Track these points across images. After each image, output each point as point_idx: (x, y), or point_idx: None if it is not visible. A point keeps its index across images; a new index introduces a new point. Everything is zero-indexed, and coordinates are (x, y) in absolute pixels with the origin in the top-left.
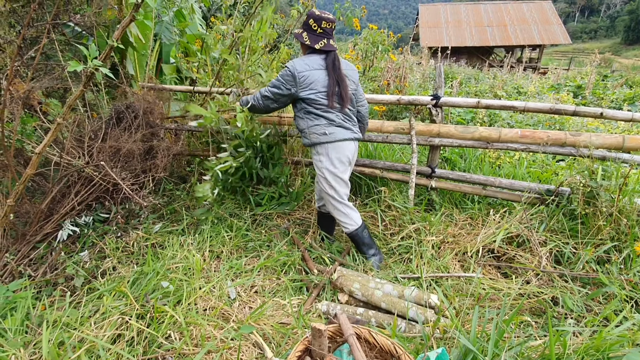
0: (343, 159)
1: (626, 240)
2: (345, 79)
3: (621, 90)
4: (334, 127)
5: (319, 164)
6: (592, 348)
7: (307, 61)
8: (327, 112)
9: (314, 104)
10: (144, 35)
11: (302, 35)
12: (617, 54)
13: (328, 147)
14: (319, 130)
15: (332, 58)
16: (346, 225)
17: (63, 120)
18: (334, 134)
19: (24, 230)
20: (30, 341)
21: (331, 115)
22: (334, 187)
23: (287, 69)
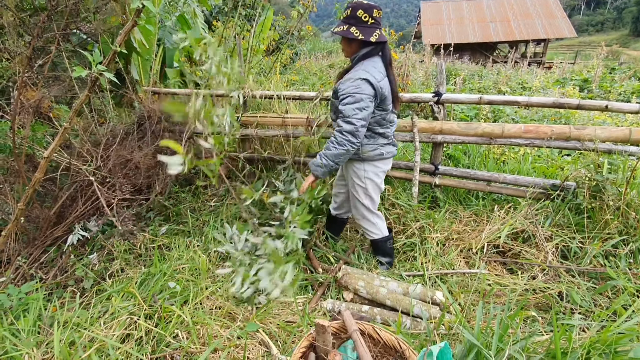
0: (385, 170)
1: (635, 234)
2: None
3: (629, 83)
4: (389, 146)
5: (361, 172)
6: (599, 342)
7: (377, 69)
8: (386, 127)
9: (382, 121)
10: (147, 40)
11: (349, 31)
12: (625, 45)
13: (380, 162)
14: (376, 150)
15: (389, 51)
16: (372, 235)
17: (69, 125)
18: (389, 152)
19: (35, 235)
20: (42, 341)
21: (389, 132)
22: (371, 198)
23: (360, 80)
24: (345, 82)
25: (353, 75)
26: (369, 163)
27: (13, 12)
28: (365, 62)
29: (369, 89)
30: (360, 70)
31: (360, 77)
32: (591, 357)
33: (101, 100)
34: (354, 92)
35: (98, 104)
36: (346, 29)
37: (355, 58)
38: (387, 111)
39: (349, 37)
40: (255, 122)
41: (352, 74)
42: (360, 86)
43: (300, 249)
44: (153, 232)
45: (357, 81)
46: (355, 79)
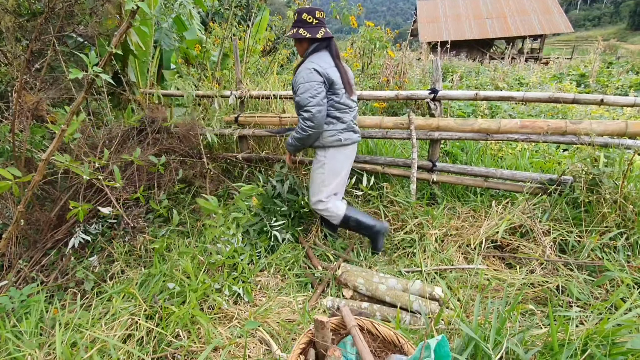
0: (348, 157)
1: (632, 226)
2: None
3: (627, 77)
4: (347, 132)
5: (321, 159)
6: (596, 334)
7: (323, 59)
8: (344, 112)
9: (336, 104)
10: (144, 42)
11: (298, 33)
12: (622, 40)
13: (341, 149)
14: (334, 136)
15: (335, 45)
16: (332, 219)
17: (67, 127)
18: (348, 139)
19: (36, 238)
20: (44, 342)
21: (347, 117)
22: (327, 184)
23: (307, 70)
24: (296, 76)
25: (302, 69)
26: (329, 149)
27: (12, 16)
28: (313, 56)
29: (316, 76)
30: (308, 62)
31: (307, 67)
32: (588, 348)
33: (99, 103)
34: (304, 82)
35: (95, 106)
36: (296, 31)
37: (306, 55)
38: (339, 95)
39: (298, 38)
40: (253, 122)
41: (301, 68)
42: (308, 75)
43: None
44: (153, 233)
45: (304, 72)
46: (303, 71)
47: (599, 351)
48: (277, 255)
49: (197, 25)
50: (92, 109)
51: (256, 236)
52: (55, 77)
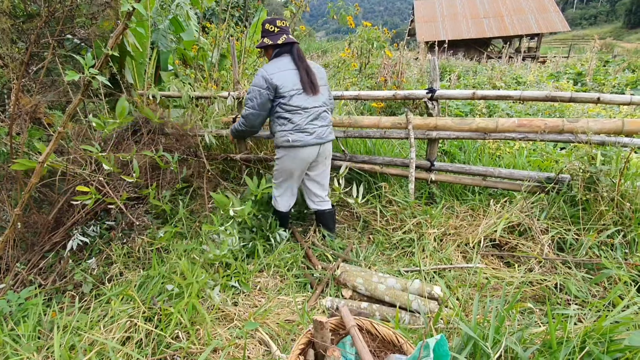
0: (301, 159)
1: (630, 224)
2: (312, 69)
3: (623, 75)
4: (298, 133)
5: (277, 158)
6: (594, 331)
7: (277, 64)
8: (295, 113)
9: (285, 106)
10: (140, 43)
11: (263, 42)
12: (619, 38)
13: (290, 150)
14: (284, 137)
15: (297, 49)
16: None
17: (63, 129)
18: (298, 140)
19: (33, 241)
20: (42, 346)
21: (297, 118)
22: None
23: (257, 75)
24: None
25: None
26: (281, 149)
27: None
28: (272, 60)
29: (260, 81)
30: (263, 67)
31: (258, 73)
32: (586, 346)
33: (96, 105)
34: (252, 85)
35: (92, 108)
36: (261, 41)
37: (270, 60)
38: (286, 97)
39: (263, 46)
40: None
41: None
42: (255, 80)
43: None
44: (151, 235)
45: (255, 76)
46: (256, 75)
47: (597, 348)
48: (276, 255)
49: (194, 26)
50: (89, 111)
51: (253, 237)
52: (52, 80)
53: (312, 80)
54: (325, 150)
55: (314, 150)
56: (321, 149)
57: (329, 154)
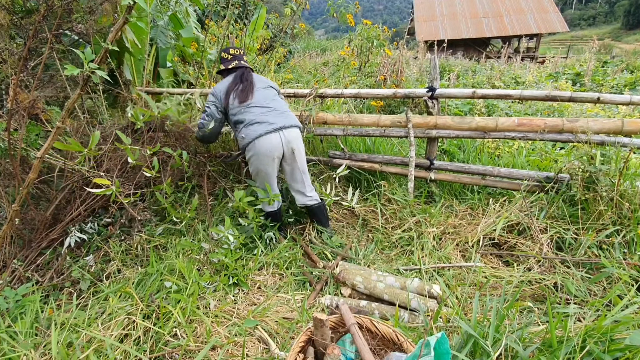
0: (264, 154)
1: (629, 224)
2: (251, 79)
3: (622, 76)
4: (248, 126)
5: (246, 155)
6: (594, 330)
7: (224, 81)
8: (241, 113)
9: (231, 111)
10: (139, 40)
11: (220, 68)
12: (617, 39)
13: (250, 145)
14: (239, 136)
15: (242, 70)
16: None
17: (62, 125)
18: (249, 135)
19: (31, 237)
20: (40, 343)
21: (244, 117)
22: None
23: (211, 90)
24: None
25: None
26: (246, 151)
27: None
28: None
29: (211, 96)
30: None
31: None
32: (587, 345)
33: (94, 101)
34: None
35: (91, 104)
36: (220, 67)
37: None
38: (233, 105)
39: (219, 72)
40: None
41: None
42: (209, 95)
43: None
44: (149, 232)
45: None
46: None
47: (597, 347)
48: (275, 254)
49: (193, 23)
50: (88, 107)
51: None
52: (50, 75)
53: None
54: (291, 139)
55: (275, 139)
56: (284, 137)
57: (298, 145)
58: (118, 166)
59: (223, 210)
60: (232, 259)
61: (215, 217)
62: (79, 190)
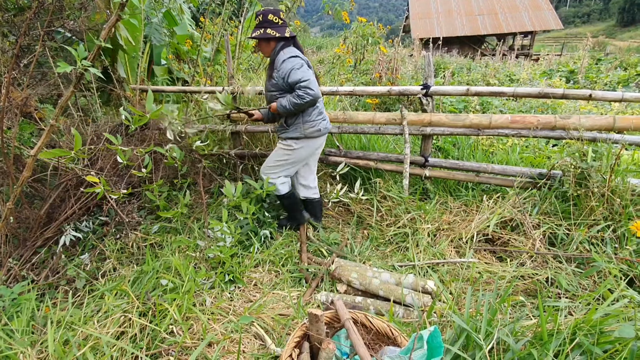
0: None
1: (620, 219)
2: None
3: (615, 73)
4: (319, 115)
5: (293, 146)
6: (584, 323)
7: (294, 50)
8: (320, 101)
9: None
10: (133, 37)
11: (267, 33)
12: (611, 36)
13: (309, 140)
14: (314, 126)
15: (299, 43)
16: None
17: (55, 122)
18: (317, 125)
19: (26, 236)
20: (36, 340)
21: (321, 106)
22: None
23: (295, 57)
24: (281, 66)
25: (282, 58)
26: (300, 140)
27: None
28: (284, 50)
29: (300, 60)
30: (285, 53)
31: (290, 56)
32: (577, 338)
33: (87, 100)
34: (294, 63)
35: (84, 102)
36: (263, 31)
37: (274, 53)
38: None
39: (268, 38)
40: (246, 118)
41: (281, 59)
42: (295, 61)
43: None
44: (145, 230)
45: (290, 60)
46: (287, 59)
47: (587, 340)
48: (271, 251)
49: (187, 20)
50: (81, 105)
51: (246, 234)
52: (43, 73)
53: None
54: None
55: (325, 138)
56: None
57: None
58: (111, 164)
59: (219, 208)
60: (228, 254)
61: (211, 214)
62: (73, 189)
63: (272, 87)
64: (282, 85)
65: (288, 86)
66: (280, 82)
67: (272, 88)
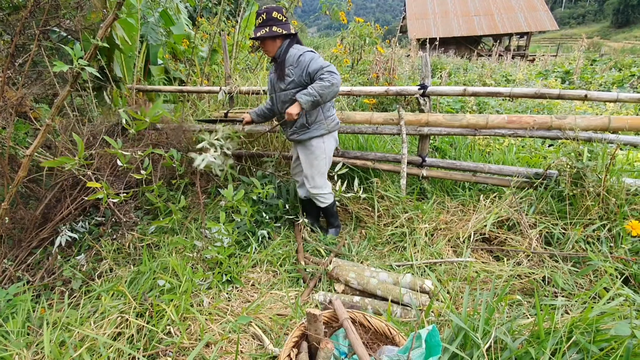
0: (337, 141)
1: (615, 219)
2: None
3: (610, 74)
4: (334, 109)
5: (322, 145)
6: (581, 322)
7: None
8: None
9: None
10: (129, 36)
11: (273, 31)
12: (606, 37)
13: (331, 135)
14: (334, 120)
15: (301, 41)
16: (327, 200)
17: (52, 122)
18: (336, 119)
19: (20, 237)
20: (32, 342)
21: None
22: (327, 165)
23: (310, 51)
24: (299, 61)
25: (296, 53)
26: (327, 135)
27: None
28: (294, 46)
29: (315, 52)
30: (297, 49)
31: (305, 50)
32: (573, 336)
33: (83, 99)
34: (312, 55)
35: (80, 102)
36: (269, 30)
37: (280, 52)
38: None
39: (275, 35)
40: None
41: (296, 55)
42: (311, 52)
43: None
44: (141, 230)
45: (306, 53)
46: (302, 53)
47: (583, 338)
48: (269, 251)
49: (184, 20)
50: (77, 105)
51: (244, 234)
52: (38, 73)
53: None
54: None
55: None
56: None
57: None
58: (109, 165)
59: (216, 208)
60: (225, 255)
61: (208, 215)
62: (69, 189)
63: (287, 85)
64: (302, 80)
65: (309, 78)
66: (299, 78)
67: (288, 87)
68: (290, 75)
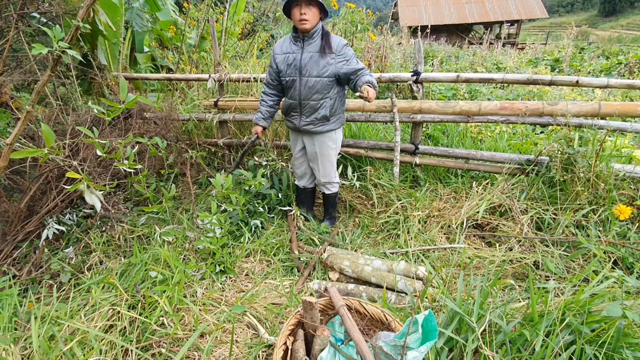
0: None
1: (604, 203)
2: None
3: (598, 62)
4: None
5: (336, 136)
6: (573, 304)
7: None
8: None
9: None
10: (113, 22)
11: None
12: (593, 26)
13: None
14: (342, 109)
15: None
16: (334, 188)
17: (32, 109)
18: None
19: (5, 230)
20: (20, 337)
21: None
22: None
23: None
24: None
25: (341, 41)
26: (339, 129)
27: None
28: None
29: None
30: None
31: (344, 41)
32: (566, 318)
33: (67, 88)
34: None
35: (64, 92)
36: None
37: (315, 31)
38: None
39: (324, 10)
40: (233, 107)
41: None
42: (341, 40)
43: None
44: (132, 222)
45: (347, 46)
46: (347, 44)
47: (575, 320)
48: (262, 241)
49: (170, 5)
50: (61, 94)
51: (236, 224)
52: (18, 60)
53: None
54: None
55: None
56: None
57: None
58: (95, 155)
59: (207, 199)
60: (218, 245)
61: (199, 205)
62: (55, 181)
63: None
64: (338, 71)
65: (344, 71)
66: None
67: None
68: (330, 62)
